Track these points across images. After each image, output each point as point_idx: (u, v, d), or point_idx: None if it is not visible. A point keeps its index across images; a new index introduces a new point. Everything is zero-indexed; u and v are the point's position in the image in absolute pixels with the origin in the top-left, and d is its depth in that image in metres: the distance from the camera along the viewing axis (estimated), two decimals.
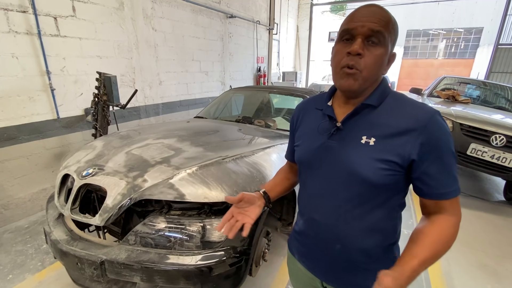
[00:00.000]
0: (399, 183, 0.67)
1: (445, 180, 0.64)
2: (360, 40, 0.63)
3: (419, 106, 0.66)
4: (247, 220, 0.79)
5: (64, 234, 1.35)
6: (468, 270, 2.02)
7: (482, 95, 4.13)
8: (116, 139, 1.82)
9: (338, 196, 0.70)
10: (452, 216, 0.65)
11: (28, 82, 2.46)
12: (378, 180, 0.64)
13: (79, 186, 1.36)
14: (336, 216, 0.71)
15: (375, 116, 0.67)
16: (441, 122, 0.63)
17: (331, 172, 0.71)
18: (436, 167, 0.63)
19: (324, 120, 0.75)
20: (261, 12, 6.69)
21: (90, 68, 2.93)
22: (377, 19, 0.62)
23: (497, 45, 8.41)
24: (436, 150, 0.62)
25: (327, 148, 0.71)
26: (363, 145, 0.66)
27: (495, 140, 2.70)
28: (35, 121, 2.57)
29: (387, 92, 0.70)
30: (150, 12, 3.63)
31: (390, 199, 0.69)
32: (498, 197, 3.31)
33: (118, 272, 1.15)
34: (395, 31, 0.65)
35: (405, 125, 0.63)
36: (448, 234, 0.64)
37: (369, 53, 0.63)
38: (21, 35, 2.36)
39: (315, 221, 0.76)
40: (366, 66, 0.63)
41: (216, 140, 1.82)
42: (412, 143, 0.62)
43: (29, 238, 2.24)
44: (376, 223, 0.69)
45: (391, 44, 0.65)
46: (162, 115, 4.12)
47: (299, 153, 0.80)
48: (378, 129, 0.66)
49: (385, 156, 0.63)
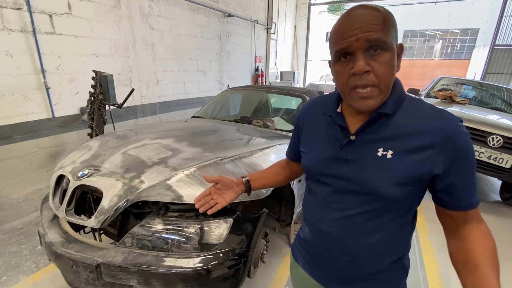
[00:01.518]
0: (417, 197, 0.64)
1: (471, 190, 0.61)
2: (362, 56, 0.56)
3: (440, 113, 0.60)
4: (220, 201, 0.84)
5: (59, 236, 1.32)
6: None
7: (479, 95, 4.16)
8: (112, 139, 1.79)
9: (349, 210, 0.66)
10: (482, 223, 0.63)
11: (22, 80, 2.42)
12: (395, 196, 0.60)
13: (74, 187, 1.33)
14: (345, 229, 0.68)
15: (392, 125, 0.62)
16: (464, 131, 0.59)
17: (343, 185, 0.66)
18: (462, 178, 0.60)
19: (334, 130, 0.70)
20: (259, 11, 6.67)
21: (86, 66, 2.90)
22: (369, 25, 0.54)
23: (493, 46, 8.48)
24: (461, 160, 0.59)
25: (339, 160, 0.66)
26: (380, 158, 0.61)
27: (492, 140, 2.71)
28: (30, 120, 2.53)
29: (403, 97, 0.64)
30: (147, 10, 3.59)
31: (405, 213, 0.66)
32: (494, 198, 3.34)
33: (114, 275, 1.13)
34: (393, 24, 0.58)
35: (426, 137, 0.58)
36: (493, 243, 0.61)
37: (376, 64, 0.56)
38: (15, 32, 2.32)
39: (322, 232, 0.72)
40: (380, 78, 0.57)
41: (214, 140, 1.80)
42: (435, 156, 0.58)
43: (23, 239, 2.21)
44: (388, 236, 0.66)
45: (395, 39, 0.59)
46: (159, 114, 4.09)
47: (307, 162, 0.76)
48: (396, 140, 0.60)
49: (406, 172, 0.59)
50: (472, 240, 0.62)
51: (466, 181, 0.60)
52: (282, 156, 1.75)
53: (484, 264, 0.58)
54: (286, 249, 2.17)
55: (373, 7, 0.57)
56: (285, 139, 2.00)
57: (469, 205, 0.62)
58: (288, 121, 2.53)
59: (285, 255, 2.09)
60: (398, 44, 0.60)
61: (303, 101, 2.56)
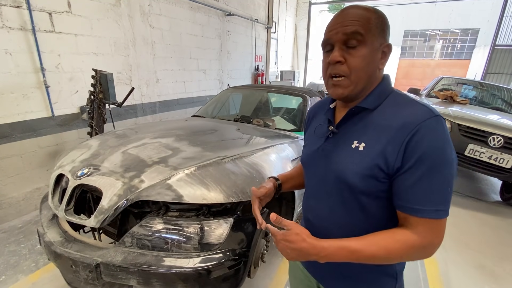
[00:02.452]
0: (386, 193, 0.61)
1: (420, 195, 0.55)
2: (338, 48, 0.61)
3: (416, 109, 0.59)
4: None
5: (58, 236, 1.31)
6: (465, 270, 2.02)
7: (479, 95, 4.15)
8: (112, 138, 1.78)
9: (331, 200, 0.69)
10: (414, 234, 0.57)
11: (22, 79, 2.41)
12: (364, 187, 0.61)
13: (73, 187, 1.32)
14: (330, 220, 0.70)
15: (370, 119, 0.64)
16: (435, 127, 0.55)
17: (323, 175, 0.70)
18: (411, 177, 0.56)
19: (322, 123, 0.76)
20: (259, 10, 6.65)
21: (85, 65, 2.88)
22: (350, 21, 0.59)
23: (494, 46, 8.47)
24: (418, 160, 0.55)
25: (323, 151, 0.71)
26: (352, 150, 0.64)
27: (492, 141, 2.71)
28: (29, 119, 2.52)
29: (387, 93, 0.66)
30: (147, 9, 3.57)
31: (385, 210, 0.64)
32: (495, 198, 3.34)
33: (114, 275, 1.13)
34: (379, 24, 0.61)
35: (396, 129, 0.58)
36: (395, 246, 0.56)
37: (350, 56, 0.61)
38: (14, 30, 2.31)
39: (310, 222, 0.76)
40: (352, 70, 0.61)
41: (214, 139, 1.79)
42: (397, 152, 0.56)
43: (22, 238, 2.20)
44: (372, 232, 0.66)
45: (380, 38, 0.61)
46: (159, 113, 4.08)
47: (303, 154, 0.82)
48: (370, 133, 0.62)
49: (371, 162, 0.59)
50: (386, 231, 0.60)
51: (417, 182, 0.55)
52: (283, 156, 1.76)
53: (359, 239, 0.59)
54: None
55: (363, 7, 0.61)
56: (285, 138, 1.99)
57: (410, 210, 0.57)
58: (288, 120, 2.52)
59: None
60: (386, 43, 0.63)
61: (303, 101, 2.55)
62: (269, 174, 1.45)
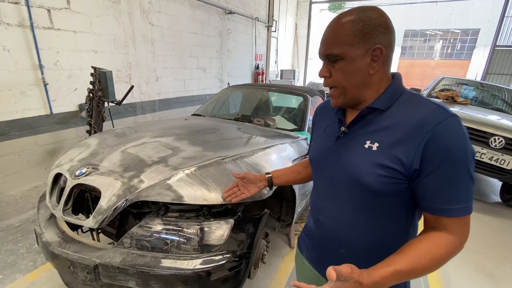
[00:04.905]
0: (404, 194, 0.62)
1: (448, 195, 0.56)
2: (324, 63, 0.67)
3: (431, 107, 0.59)
4: (245, 192, 1.04)
5: (56, 236, 1.29)
6: (466, 272, 2.02)
7: (480, 96, 4.14)
8: (111, 137, 1.76)
9: (342, 201, 0.69)
10: (452, 235, 0.58)
11: (20, 76, 2.38)
12: (378, 187, 0.61)
13: (72, 186, 1.30)
14: (340, 221, 0.70)
15: (382, 120, 0.64)
16: (453, 128, 0.55)
17: (335, 175, 0.70)
18: (439, 179, 0.56)
19: (333, 122, 0.75)
20: (260, 9, 6.61)
21: (84, 62, 2.85)
22: (326, 42, 0.64)
23: (494, 47, 8.46)
24: (439, 160, 0.55)
25: (334, 152, 0.71)
26: (365, 150, 0.63)
27: (494, 142, 2.70)
28: (27, 117, 2.49)
29: (399, 93, 0.65)
30: (147, 6, 3.54)
31: (398, 211, 0.64)
32: (495, 199, 3.33)
33: (112, 276, 1.11)
34: (359, 31, 0.59)
35: (410, 130, 0.57)
36: (440, 252, 0.57)
37: (334, 70, 0.65)
38: (12, 27, 2.28)
39: (321, 223, 0.76)
40: (336, 83, 0.65)
41: (215, 139, 1.77)
42: (415, 151, 0.56)
43: (20, 237, 2.18)
44: (383, 234, 0.66)
45: (362, 44, 0.59)
46: (158, 112, 4.06)
47: (311, 153, 0.83)
48: (383, 133, 0.62)
49: (386, 163, 0.59)
50: (424, 239, 0.60)
51: (444, 183, 0.56)
52: (284, 156, 1.74)
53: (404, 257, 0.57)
54: (287, 249, 2.16)
55: (342, 17, 0.61)
56: (286, 138, 1.97)
57: (441, 211, 0.58)
58: (289, 120, 2.50)
59: (285, 255, 2.08)
60: (376, 46, 0.60)
61: (304, 100, 2.53)
62: None
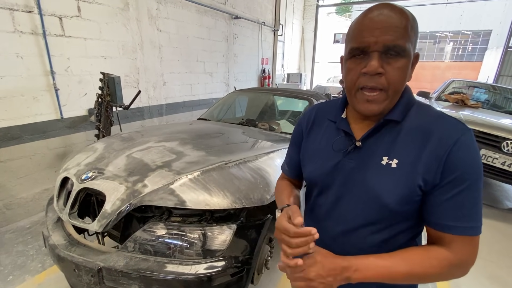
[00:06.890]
0: (418, 209, 0.59)
1: (458, 212, 0.53)
2: (377, 56, 0.53)
3: (447, 121, 0.56)
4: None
5: (62, 239, 1.32)
6: (478, 280, 1.95)
7: (492, 99, 4.03)
8: (117, 141, 1.79)
9: (353, 222, 0.63)
10: (450, 252, 0.54)
11: (32, 82, 2.45)
12: (402, 207, 0.57)
13: (78, 190, 1.33)
14: (350, 244, 0.64)
15: (397, 133, 0.59)
16: (470, 143, 0.53)
17: (346, 194, 0.63)
18: (449, 194, 0.53)
19: (339, 135, 0.66)
20: (266, 13, 6.65)
21: (94, 68, 2.93)
22: (391, 29, 0.51)
23: (507, 48, 8.25)
24: (454, 177, 0.52)
25: (344, 168, 0.63)
26: (384, 167, 0.58)
27: (506, 146, 2.62)
28: (39, 121, 2.56)
29: (411, 103, 0.61)
30: (155, 13, 3.61)
31: (414, 225, 0.61)
32: (509, 205, 3.22)
33: (116, 280, 1.12)
34: (415, 30, 0.55)
35: (431, 145, 0.54)
36: (430, 262, 0.53)
37: (390, 67, 0.53)
38: (26, 35, 2.36)
39: (326, 246, 0.64)
40: (390, 84, 0.54)
41: (219, 143, 1.78)
42: (437, 166, 0.53)
43: (30, 238, 2.23)
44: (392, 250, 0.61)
45: (414, 46, 0.55)
46: (165, 116, 4.11)
47: (311, 172, 0.71)
48: (401, 148, 0.57)
49: (411, 182, 0.55)
50: (420, 248, 0.58)
51: (457, 200, 0.53)
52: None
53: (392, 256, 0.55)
54: None
55: (399, 9, 0.53)
56: None
57: (449, 228, 0.54)
58: (294, 124, 2.50)
59: None
60: (415, 53, 0.57)
61: (309, 104, 2.52)
62: (273, 179, 1.42)
